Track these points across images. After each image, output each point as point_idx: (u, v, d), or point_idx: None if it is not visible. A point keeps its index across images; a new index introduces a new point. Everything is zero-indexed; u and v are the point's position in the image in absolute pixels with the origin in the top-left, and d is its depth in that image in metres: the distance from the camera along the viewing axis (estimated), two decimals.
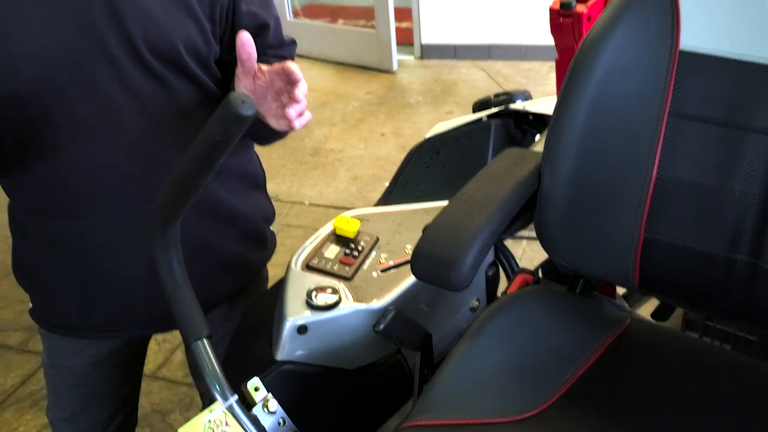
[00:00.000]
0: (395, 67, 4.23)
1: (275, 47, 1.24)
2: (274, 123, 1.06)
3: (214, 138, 0.76)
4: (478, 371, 0.93)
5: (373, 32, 4.24)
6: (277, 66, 0.99)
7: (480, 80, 4.03)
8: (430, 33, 4.28)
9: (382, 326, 0.92)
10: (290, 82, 0.99)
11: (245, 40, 0.99)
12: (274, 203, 1.39)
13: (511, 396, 0.90)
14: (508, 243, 1.23)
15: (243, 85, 1.05)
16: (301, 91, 0.99)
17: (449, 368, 0.93)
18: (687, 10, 0.90)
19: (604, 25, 0.93)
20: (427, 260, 0.87)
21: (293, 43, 1.30)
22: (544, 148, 0.96)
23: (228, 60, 1.18)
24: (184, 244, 0.98)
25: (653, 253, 0.97)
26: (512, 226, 0.98)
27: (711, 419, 0.88)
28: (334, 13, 5.08)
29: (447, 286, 0.87)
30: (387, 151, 3.38)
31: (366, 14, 4.65)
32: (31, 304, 1.31)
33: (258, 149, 1.32)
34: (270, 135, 1.16)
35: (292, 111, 0.99)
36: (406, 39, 4.34)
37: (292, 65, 0.98)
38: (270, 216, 1.39)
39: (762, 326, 0.96)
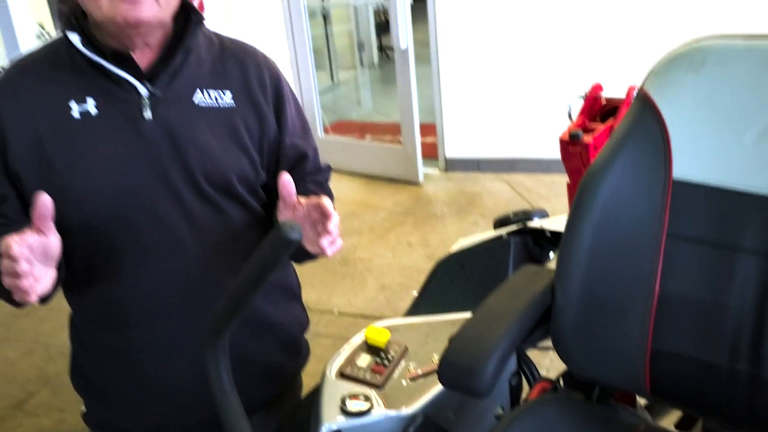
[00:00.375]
0: (421, 179, 4.42)
1: (313, 173, 1.39)
2: (310, 247, 1.17)
3: (266, 259, 0.88)
4: None
5: (400, 147, 4.46)
6: (313, 200, 1.12)
7: (503, 192, 4.18)
8: (453, 147, 4.49)
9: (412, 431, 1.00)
10: (324, 215, 1.11)
11: (286, 181, 1.13)
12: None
13: None
14: (535, 353, 1.31)
15: (284, 216, 1.18)
16: (333, 224, 1.11)
17: None
18: (677, 145, 1.03)
19: (605, 157, 1.06)
20: (452, 369, 0.97)
21: (329, 168, 1.45)
22: (556, 266, 1.07)
23: (272, 185, 1.33)
24: (232, 358, 1.09)
25: (661, 362, 1.05)
26: (530, 336, 1.07)
27: None
28: (362, 130, 5.35)
29: (470, 393, 0.96)
30: (414, 261, 3.48)
31: (392, 130, 4.91)
32: (84, 409, 1.41)
33: None
34: (305, 256, 1.27)
35: (324, 241, 1.12)
36: (431, 153, 4.55)
37: (326, 201, 1.11)
38: (305, 325, 1.50)
39: None
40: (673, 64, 1.05)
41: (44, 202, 1.00)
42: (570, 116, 1.52)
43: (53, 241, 1.03)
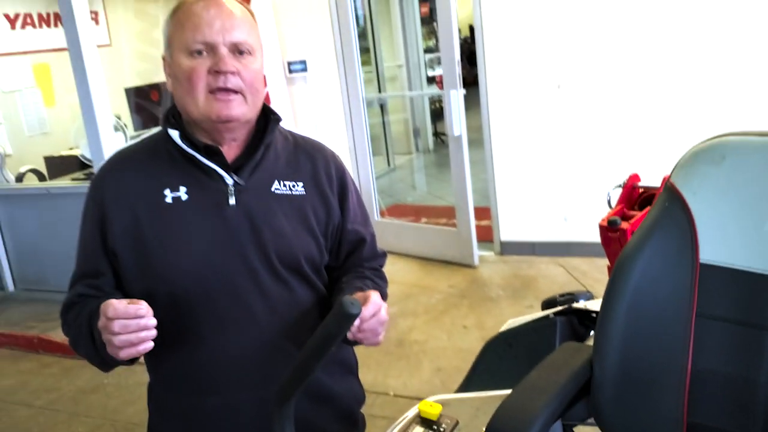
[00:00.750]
0: (476, 261, 4.51)
1: (369, 259, 1.52)
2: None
3: (329, 331, 1.00)
4: None
5: (455, 230, 4.58)
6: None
7: (558, 275, 4.22)
8: (508, 230, 4.59)
9: None
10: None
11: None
12: None
13: None
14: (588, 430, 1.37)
15: None
16: (381, 330, 1.26)
17: None
18: (703, 231, 1.12)
19: (636, 242, 1.16)
20: (504, 430, 1.05)
21: (384, 255, 1.57)
22: (594, 342, 1.16)
23: (333, 265, 1.46)
24: (296, 424, 1.19)
25: None
26: (571, 408, 1.15)
27: None
28: (417, 212, 5.52)
29: None
30: (470, 343, 3.53)
31: (447, 213, 5.05)
32: None
33: None
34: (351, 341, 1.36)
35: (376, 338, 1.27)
36: (486, 236, 4.66)
37: (375, 296, 1.24)
38: (361, 399, 1.59)
39: None
40: (696, 158, 1.16)
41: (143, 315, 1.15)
42: (609, 204, 1.63)
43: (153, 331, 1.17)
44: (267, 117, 1.40)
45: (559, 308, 1.60)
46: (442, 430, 1.33)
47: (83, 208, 1.40)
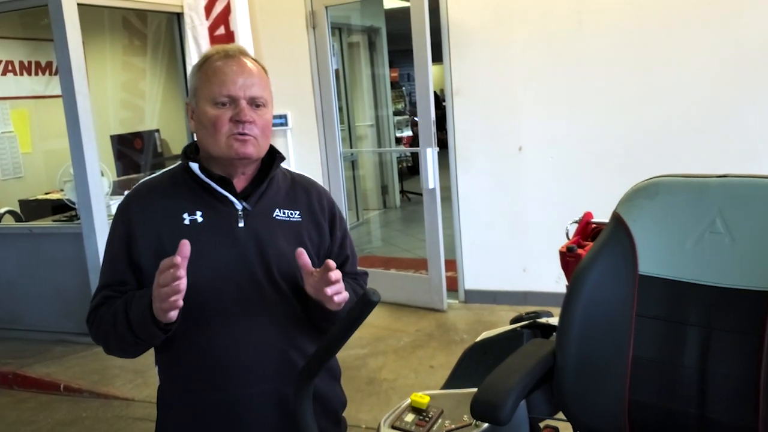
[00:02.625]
0: (446, 306, 4.80)
1: (351, 274, 1.75)
2: (328, 305, 1.49)
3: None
4: None
5: (426, 276, 4.89)
6: (324, 266, 1.47)
7: None
8: (472, 280, 4.90)
9: None
10: (329, 270, 1.45)
11: (299, 252, 1.49)
12: None
13: None
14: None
15: (306, 281, 1.52)
16: (334, 274, 1.45)
17: None
18: (641, 250, 1.45)
19: (589, 259, 1.48)
20: (480, 405, 1.33)
21: (365, 273, 1.81)
22: (556, 338, 1.46)
23: None
24: (285, 419, 1.39)
25: (637, 411, 1.41)
26: (539, 387, 1.43)
27: None
28: (386, 263, 5.80)
29: (494, 422, 1.31)
30: (436, 381, 3.76)
31: (414, 264, 5.35)
32: None
33: None
34: (327, 316, 1.54)
35: (328, 289, 1.45)
36: (451, 285, 4.95)
37: (331, 262, 1.45)
38: (344, 402, 1.79)
39: None
40: (636, 194, 1.49)
41: (186, 247, 1.36)
42: (567, 235, 1.96)
43: (184, 282, 1.37)
44: (272, 155, 1.67)
45: (525, 322, 1.89)
46: (430, 416, 1.60)
47: (110, 230, 1.63)
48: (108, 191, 4.83)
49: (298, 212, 1.66)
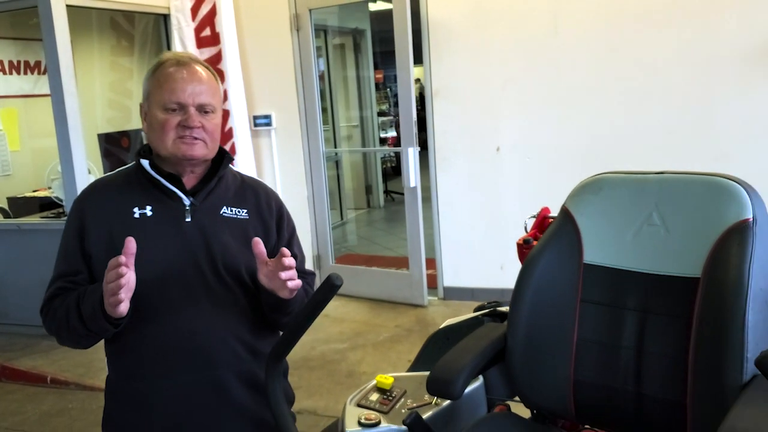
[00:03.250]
0: (426, 302, 4.93)
1: (299, 273, 1.72)
2: (281, 293, 1.58)
3: (318, 298, 1.38)
4: None
5: (407, 272, 5.02)
6: (278, 254, 1.56)
7: None
8: (450, 278, 5.03)
9: (408, 421, 1.46)
10: (283, 256, 1.54)
11: (256, 242, 1.58)
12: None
13: None
14: None
15: (260, 271, 1.60)
16: (288, 260, 1.54)
17: None
18: (586, 241, 1.57)
19: (539, 248, 1.60)
20: (435, 381, 1.45)
21: (313, 274, 1.88)
22: (507, 321, 1.58)
23: None
24: (225, 404, 1.50)
25: (581, 389, 1.53)
26: (490, 366, 1.55)
27: None
28: (368, 261, 5.91)
29: (447, 397, 1.43)
30: None
31: (396, 263, 5.47)
32: None
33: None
34: (279, 305, 1.62)
35: (282, 273, 1.54)
36: (431, 283, 5.07)
37: (285, 250, 1.55)
38: (291, 398, 1.82)
39: None
40: (583, 189, 1.62)
41: (131, 244, 1.45)
42: (525, 228, 2.09)
43: (133, 277, 1.47)
44: (222, 156, 1.77)
45: (486, 311, 2.02)
46: (394, 395, 1.72)
47: (65, 223, 1.72)
48: None
49: (245, 210, 1.76)
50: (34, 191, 6.06)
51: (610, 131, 4.42)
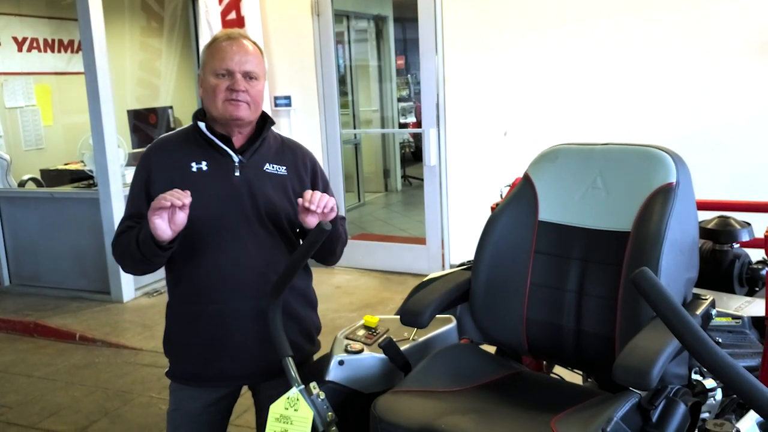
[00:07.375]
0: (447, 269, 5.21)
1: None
2: (310, 222, 1.85)
3: (311, 240, 1.66)
4: (432, 370, 1.73)
5: (424, 246, 5.36)
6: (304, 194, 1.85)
7: None
8: (457, 255, 5.28)
9: (383, 344, 1.75)
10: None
11: (307, 193, 1.85)
12: None
13: (447, 383, 1.70)
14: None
15: (301, 216, 1.87)
16: (308, 194, 1.84)
17: (418, 368, 1.73)
18: (542, 202, 1.83)
19: (501, 207, 1.87)
20: (406, 312, 1.73)
21: (344, 218, 2.15)
22: (472, 268, 1.85)
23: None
24: (262, 327, 1.77)
25: (532, 327, 1.80)
26: (455, 304, 1.83)
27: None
28: (383, 241, 6.19)
29: (416, 326, 1.71)
30: None
31: (411, 242, 5.75)
32: (168, 367, 2.06)
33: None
34: (324, 243, 1.75)
35: (303, 201, 1.83)
36: None
37: (307, 192, 1.86)
38: (318, 327, 2.15)
39: (588, 370, 1.74)
40: (542, 158, 1.88)
41: (189, 196, 1.75)
42: (501, 195, 2.36)
43: (183, 217, 1.76)
44: (264, 120, 2.04)
45: (467, 265, 2.28)
46: (378, 332, 1.99)
47: (134, 174, 2.02)
48: (123, 162, 5.23)
49: (284, 167, 2.03)
50: (66, 164, 6.38)
51: (611, 118, 4.64)
